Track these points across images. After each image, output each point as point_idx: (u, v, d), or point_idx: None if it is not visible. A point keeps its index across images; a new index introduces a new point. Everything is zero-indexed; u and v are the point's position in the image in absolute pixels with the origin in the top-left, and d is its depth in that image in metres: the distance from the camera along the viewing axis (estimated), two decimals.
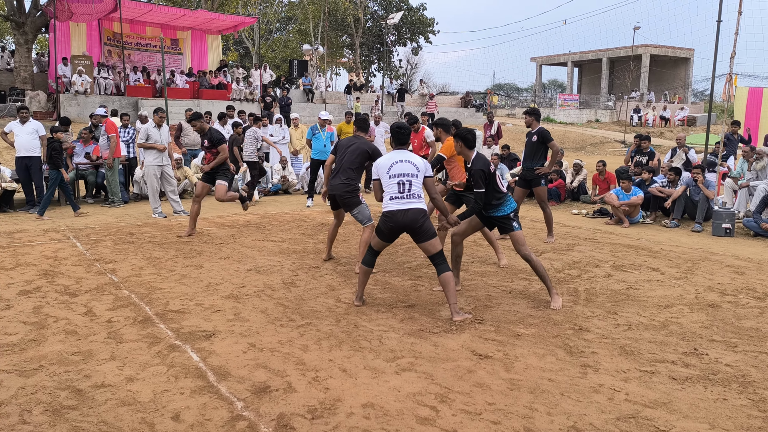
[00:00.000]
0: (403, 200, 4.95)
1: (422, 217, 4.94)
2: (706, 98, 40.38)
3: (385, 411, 3.36)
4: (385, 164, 5.08)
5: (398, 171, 5.00)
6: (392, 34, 40.28)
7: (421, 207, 4.97)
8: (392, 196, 4.98)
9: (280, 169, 13.29)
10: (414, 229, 4.94)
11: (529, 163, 8.07)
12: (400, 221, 4.93)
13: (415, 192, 4.98)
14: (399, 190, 4.96)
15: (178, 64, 25.17)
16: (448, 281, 4.90)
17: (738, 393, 3.65)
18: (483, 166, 5.23)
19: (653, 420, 3.29)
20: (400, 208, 4.93)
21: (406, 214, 4.91)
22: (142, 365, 3.93)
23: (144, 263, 6.67)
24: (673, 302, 5.51)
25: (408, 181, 4.98)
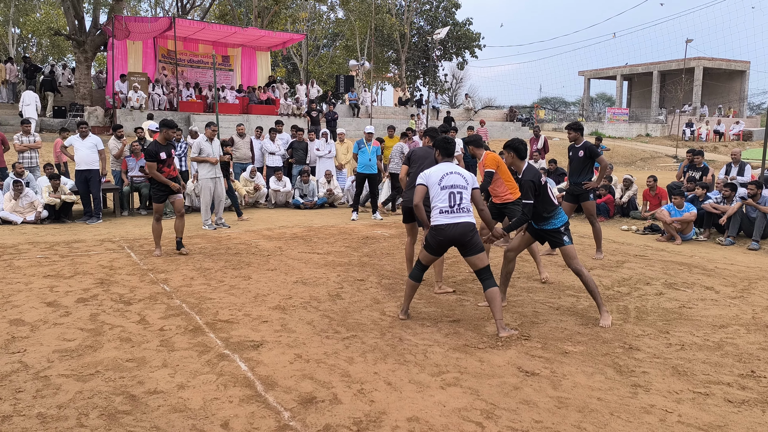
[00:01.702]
0: (453, 214, 4.92)
1: (471, 231, 4.93)
2: (763, 112, 39.06)
3: (430, 425, 3.35)
4: (437, 174, 5.03)
5: (450, 182, 4.98)
6: (438, 49, 40.40)
7: (471, 221, 4.95)
8: (442, 210, 4.94)
9: (326, 183, 13.45)
10: (463, 243, 4.93)
11: (576, 178, 7.97)
12: (449, 235, 4.91)
13: (465, 205, 4.97)
14: (450, 204, 4.92)
15: (229, 80, 25.83)
16: (494, 297, 4.87)
17: None
18: (533, 177, 5.20)
19: None
20: (450, 222, 4.91)
21: (455, 228, 4.89)
22: (192, 373, 4.02)
23: (194, 273, 6.84)
24: (728, 322, 5.33)
25: (459, 193, 4.95)
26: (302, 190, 13.32)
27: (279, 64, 41.26)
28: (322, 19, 43.06)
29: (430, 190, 5.06)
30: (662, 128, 37.25)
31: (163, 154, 7.82)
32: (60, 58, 39.74)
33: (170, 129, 7.91)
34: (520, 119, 34.24)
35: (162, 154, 7.79)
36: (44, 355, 4.31)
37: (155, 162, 7.75)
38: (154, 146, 7.82)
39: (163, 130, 7.90)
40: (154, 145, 7.83)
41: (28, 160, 11.57)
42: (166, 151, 7.88)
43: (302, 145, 13.91)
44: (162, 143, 7.88)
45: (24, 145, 11.41)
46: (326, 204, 13.46)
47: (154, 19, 23.96)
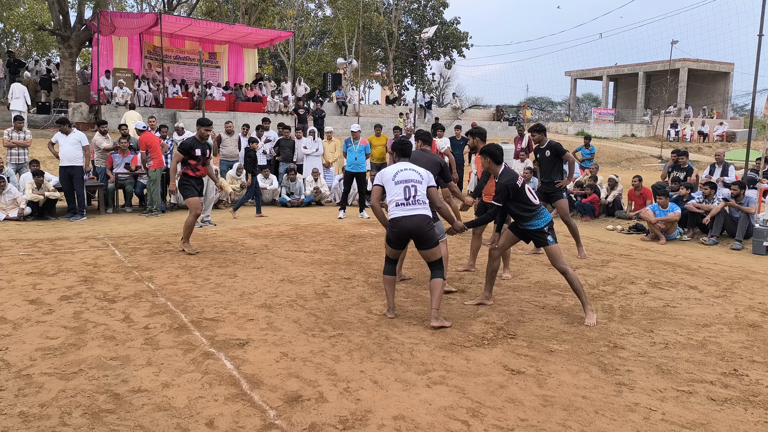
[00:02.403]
0: (409, 206, 5.05)
1: (427, 224, 5.04)
2: (747, 113, 39.47)
3: (416, 424, 3.35)
4: (391, 172, 5.23)
5: (404, 177, 5.15)
6: (426, 48, 40.42)
7: (426, 213, 5.06)
8: (398, 203, 5.08)
9: (313, 181, 13.42)
10: (419, 235, 5.04)
11: (547, 178, 7.99)
12: (405, 227, 5.03)
13: (420, 198, 5.10)
14: (405, 196, 5.07)
15: (216, 77, 25.67)
16: (436, 287, 5.05)
17: None
18: (508, 181, 5.26)
19: None
20: (405, 214, 5.03)
21: (411, 220, 5.01)
22: (177, 371, 3.99)
23: (180, 271, 6.79)
24: (711, 321, 5.39)
25: (414, 187, 5.10)
26: (289, 188, 13.28)
27: (266, 62, 41.08)
28: (310, 16, 42.90)
29: (386, 188, 5.20)
30: (647, 129, 37.57)
31: (198, 151, 7.82)
32: (44, 53, 39.30)
33: (204, 127, 7.87)
34: (507, 119, 34.35)
35: (197, 151, 7.81)
36: (26, 353, 4.26)
37: (184, 155, 7.77)
38: (191, 141, 7.85)
39: (199, 128, 7.88)
40: (191, 140, 7.86)
41: (16, 156, 11.43)
42: (202, 149, 7.87)
43: (289, 143, 13.86)
44: (199, 140, 7.87)
45: (12, 141, 11.27)
46: (313, 202, 13.43)
47: (139, 15, 23.76)
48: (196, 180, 7.97)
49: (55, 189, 10.75)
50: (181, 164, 7.84)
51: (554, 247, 5.30)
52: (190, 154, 7.78)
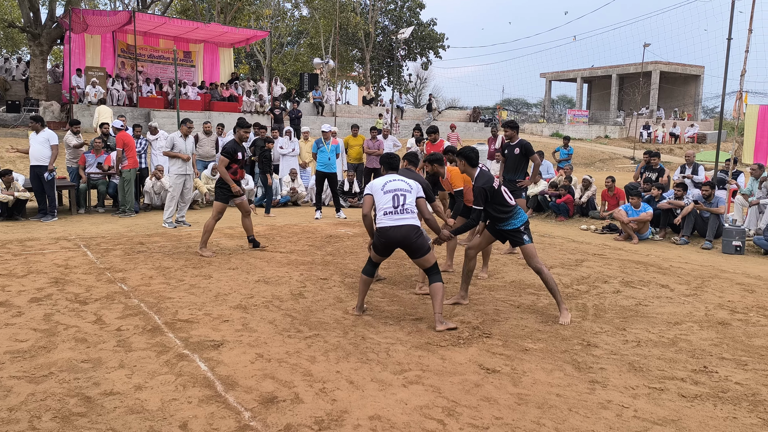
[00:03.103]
0: (397, 215, 5.06)
1: (415, 234, 5.04)
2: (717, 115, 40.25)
3: (392, 423, 3.35)
4: (380, 182, 5.27)
5: (393, 187, 5.18)
6: (402, 49, 40.50)
7: (414, 223, 5.07)
8: (386, 211, 5.09)
9: (290, 181, 13.35)
10: (407, 245, 5.06)
11: (511, 176, 8.02)
12: (393, 237, 5.04)
13: (409, 207, 5.11)
14: (393, 205, 5.08)
15: (190, 77, 25.42)
16: (437, 291, 5.03)
17: (748, 411, 3.62)
18: (485, 183, 5.30)
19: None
20: (393, 224, 5.05)
21: (399, 230, 5.02)
22: (150, 374, 3.94)
23: (154, 272, 6.71)
24: (682, 319, 5.48)
25: (403, 196, 5.13)
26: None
27: (242, 61, 40.78)
28: (287, 16, 42.72)
29: (375, 197, 5.22)
30: (620, 130, 38.10)
31: (240, 154, 7.81)
32: (14, 50, 38.51)
33: (243, 129, 7.86)
34: (483, 120, 34.57)
35: (239, 155, 7.78)
36: None
37: (229, 160, 7.72)
38: (233, 145, 7.78)
39: (238, 131, 7.87)
40: (233, 144, 7.80)
41: None
42: (241, 152, 7.86)
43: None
44: (238, 143, 7.85)
45: None
46: (290, 202, 13.36)
47: (113, 13, 23.41)
48: (236, 183, 7.89)
49: (24, 189, 10.53)
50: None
51: (530, 246, 5.35)
52: (234, 158, 7.74)
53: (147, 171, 12.34)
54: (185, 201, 10.07)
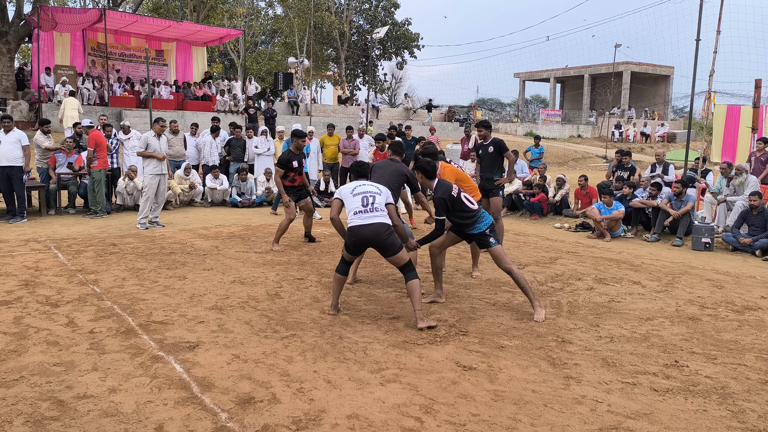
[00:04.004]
0: (366, 214, 5.08)
1: (385, 232, 5.05)
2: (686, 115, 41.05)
3: (369, 422, 3.36)
4: (349, 187, 5.34)
5: (362, 190, 5.23)
6: (377, 48, 40.52)
7: (384, 222, 5.08)
8: (356, 211, 5.12)
9: (265, 181, 13.27)
10: (378, 243, 5.06)
11: (488, 174, 8.07)
12: (363, 235, 5.05)
13: (379, 206, 5.13)
14: (363, 204, 5.12)
15: (163, 75, 25.12)
16: (414, 288, 5.03)
17: (718, 404, 3.70)
18: (444, 193, 5.34)
19: (635, 431, 3.33)
20: (363, 222, 5.06)
21: (369, 229, 5.04)
22: (124, 376, 3.89)
23: (127, 274, 6.62)
24: (654, 315, 5.59)
25: (372, 196, 5.16)
26: (240, 188, 13.10)
27: (216, 60, 40.42)
28: (260, 15, 42.45)
29: (345, 201, 5.25)
30: (593, 129, 38.62)
31: (295, 162, 8.04)
32: None
33: (300, 138, 8.07)
34: (458, 119, 34.75)
35: (294, 163, 8.03)
36: None
37: (284, 169, 8.04)
38: (287, 155, 8.06)
39: (295, 140, 8.06)
40: (287, 154, 8.07)
41: None
42: (298, 160, 8.08)
43: (240, 142, 13.67)
44: (294, 152, 8.08)
45: None
46: (265, 202, 13.28)
47: (82, 11, 23.04)
48: (296, 189, 8.30)
49: None
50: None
51: (497, 248, 5.39)
52: (288, 167, 8.02)
53: (119, 171, 12.16)
54: (159, 202, 9.95)
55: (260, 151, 13.68)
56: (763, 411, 3.62)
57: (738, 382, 4.04)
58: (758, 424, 3.45)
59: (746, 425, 3.43)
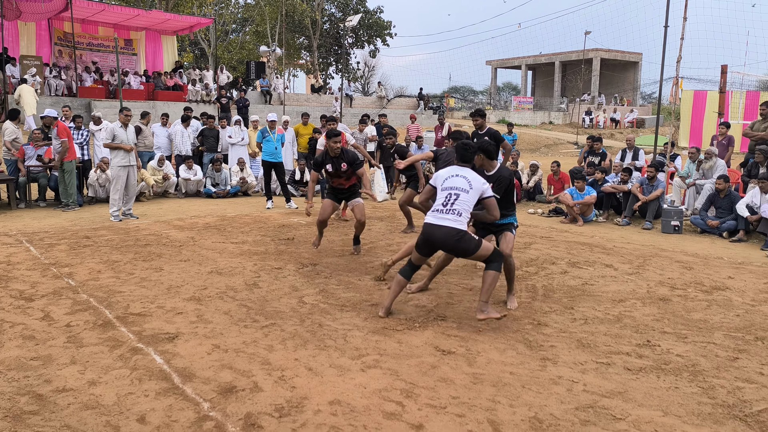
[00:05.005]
0: (441, 214, 4.82)
1: (455, 237, 4.73)
2: (655, 101, 41.70)
3: (351, 407, 3.41)
4: (443, 175, 5.02)
5: (450, 184, 4.91)
6: (350, 37, 40.31)
7: (455, 226, 4.73)
8: (435, 209, 4.90)
9: (239, 171, 13.18)
10: (450, 248, 4.82)
11: None
12: (432, 235, 4.81)
13: (458, 208, 4.78)
14: (443, 203, 4.85)
15: (132, 65, 24.69)
16: (485, 278, 4.82)
17: (688, 381, 3.82)
18: (510, 174, 5.40)
19: (610, 409, 3.43)
20: (434, 222, 4.82)
21: (438, 230, 4.78)
22: (104, 369, 3.88)
23: (102, 267, 6.55)
24: (626, 297, 5.72)
25: (456, 194, 4.84)
26: (214, 178, 12.99)
27: (186, 49, 39.80)
28: (231, 3, 41.85)
29: (437, 189, 5.01)
30: (564, 116, 39.04)
31: (330, 166, 7.13)
32: None
33: (332, 140, 7.08)
34: (431, 107, 34.81)
35: (328, 166, 7.14)
36: None
37: (317, 172, 7.30)
38: (321, 157, 7.22)
39: (327, 142, 7.15)
40: (321, 156, 7.23)
41: None
42: (335, 164, 7.11)
43: (213, 132, 13.54)
44: (331, 155, 7.12)
45: None
46: (239, 192, 13.20)
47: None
48: (338, 190, 7.40)
49: None
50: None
51: (512, 236, 5.49)
52: (324, 171, 7.25)
53: (90, 163, 11.96)
54: (130, 193, 9.82)
55: (234, 141, 13.57)
56: (731, 387, 3.75)
57: (707, 360, 4.18)
58: (727, 399, 3.58)
59: (716, 401, 3.56)
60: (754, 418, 3.35)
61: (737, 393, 3.66)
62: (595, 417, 3.33)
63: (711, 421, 3.32)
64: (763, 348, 4.43)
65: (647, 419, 3.31)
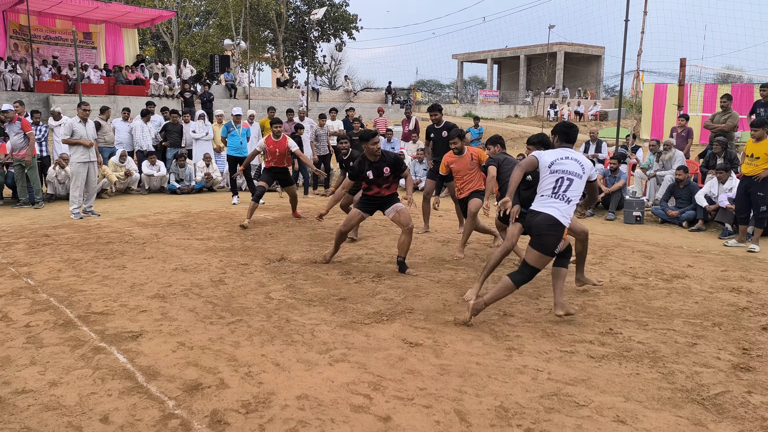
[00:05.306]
0: (549, 200, 4.54)
1: (547, 229, 4.46)
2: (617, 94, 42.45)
3: (319, 401, 3.40)
4: (551, 156, 4.64)
5: (562, 168, 4.57)
6: (315, 30, 40.02)
7: (554, 216, 4.47)
8: (542, 194, 4.59)
9: (204, 167, 13.01)
10: (536, 233, 4.54)
11: (440, 158, 8.17)
12: (531, 222, 4.59)
13: (569, 195, 4.51)
14: (553, 189, 4.54)
15: (92, 59, 24.11)
16: (554, 275, 4.90)
17: (649, 367, 3.92)
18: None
19: (573, 396, 3.50)
20: (537, 208, 4.57)
21: (539, 216, 4.53)
22: (65, 369, 3.79)
23: (62, 265, 6.40)
24: (589, 286, 5.82)
25: (570, 180, 4.52)
26: (178, 174, 12.80)
27: (148, 43, 39.03)
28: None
29: (540, 171, 4.65)
30: (529, 109, 39.48)
31: (371, 172, 6.24)
32: None
33: (370, 142, 6.17)
34: (398, 101, 34.84)
35: (369, 173, 6.25)
36: None
37: (354, 180, 6.47)
38: (359, 165, 6.33)
39: (364, 145, 6.23)
40: (359, 164, 6.33)
41: None
42: (376, 170, 6.24)
43: (176, 127, 13.33)
44: (371, 159, 6.25)
45: None
46: (204, 188, 13.03)
47: None
48: (374, 200, 6.49)
49: None
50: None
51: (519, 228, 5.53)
52: (364, 179, 6.34)
53: (49, 160, 11.66)
54: (91, 190, 9.60)
55: (198, 135, 13.38)
56: (690, 372, 3.85)
57: (667, 346, 4.28)
58: (686, 383, 3.68)
59: (675, 386, 3.66)
60: (711, 401, 3.45)
61: (695, 377, 3.77)
62: (559, 404, 3.39)
63: (670, 405, 3.40)
64: (720, 333, 4.57)
65: (609, 405, 3.39)
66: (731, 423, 3.21)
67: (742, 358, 4.09)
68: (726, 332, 4.60)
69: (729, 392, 3.56)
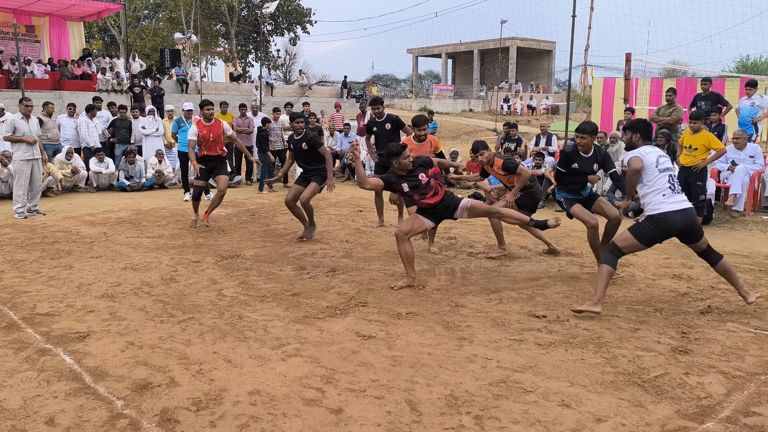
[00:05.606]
0: (676, 195, 4.65)
1: (696, 222, 4.73)
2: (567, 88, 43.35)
3: (271, 396, 3.41)
4: (653, 155, 4.75)
5: (667, 165, 4.77)
6: (269, 24, 39.56)
7: (692, 208, 4.74)
8: (663, 192, 4.64)
9: (156, 163, 12.75)
10: (690, 231, 4.70)
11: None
12: (676, 224, 4.61)
13: (680, 188, 4.77)
14: (670, 185, 4.67)
15: (36, 53, 23.27)
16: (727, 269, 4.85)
17: (593, 353, 4.05)
18: None
19: (521, 383, 3.59)
20: (675, 208, 4.61)
21: (683, 215, 4.61)
22: (8, 372, 3.69)
23: (5, 266, 6.20)
24: (539, 276, 5.97)
25: (673, 175, 4.76)
26: (128, 171, 12.51)
27: (95, 36, 37.93)
28: None
29: (645, 172, 4.72)
30: (483, 104, 39.96)
31: (406, 185, 5.55)
32: None
33: (399, 156, 5.51)
34: (354, 96, 34.78)
35: (404, 186, 5.56)
36: None
37: (390, 191, 6.12)
38: (390, 177, 5.65)
39: (396, 160, 5.55)
40: (392, 176, 5.63)
41: None
42: (411, 181, 5.55)
43: (125, 123, 13.02)
44: (400, 173, 5.60)
45: None
46: (156, 185, 12.77)
47: None
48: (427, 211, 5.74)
49: None
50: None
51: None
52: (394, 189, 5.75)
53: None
54: (35, 189, 9.30)
55: (147, 131, 13.11)
56: (632, 356, 4.00)
57: (611, 332, 4.43)
58: (628, 367, 3.82)
59: (617, 369, 3.79)
60: (651, 383, 3.59)
61: (637, 361, 3.92)
62: (507, 391, 3.48)
63: (613, 388, 3.53)
64: (661, 318, 4.75)
65: (555, 390, 3.49)
66: (669, 403, 3.36)
67: (680, 341, 4.26)
68: (666, 317, 4.78)
69: (668, 374, 3.72)
